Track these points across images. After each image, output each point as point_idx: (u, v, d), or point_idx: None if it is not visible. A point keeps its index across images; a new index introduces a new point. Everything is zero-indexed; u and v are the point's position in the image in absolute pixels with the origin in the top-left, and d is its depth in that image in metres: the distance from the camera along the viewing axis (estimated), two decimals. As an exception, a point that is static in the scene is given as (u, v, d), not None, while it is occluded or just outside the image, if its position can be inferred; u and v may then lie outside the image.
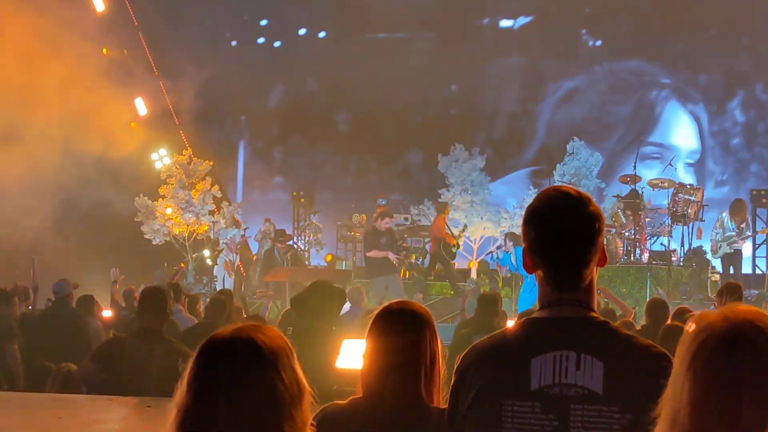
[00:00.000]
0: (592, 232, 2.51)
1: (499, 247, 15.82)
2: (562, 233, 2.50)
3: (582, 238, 2.50)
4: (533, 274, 2.61)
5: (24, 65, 17.17)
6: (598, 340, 2.46)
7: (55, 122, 17.46)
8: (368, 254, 15.98)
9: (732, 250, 15.83)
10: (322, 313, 6.98)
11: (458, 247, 17.42)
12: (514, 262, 15.05)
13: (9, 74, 16.95)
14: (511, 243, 15.41)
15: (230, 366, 2.17)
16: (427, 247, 19.23)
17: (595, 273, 2.56)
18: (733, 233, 15.72)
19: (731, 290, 8.67)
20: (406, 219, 20.12)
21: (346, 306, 11.87)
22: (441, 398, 3.13)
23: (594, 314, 2.52)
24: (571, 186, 2.67)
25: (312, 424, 2.29)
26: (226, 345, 2.22)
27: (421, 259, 18.86)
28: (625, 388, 2.37)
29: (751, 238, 16.73)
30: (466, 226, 18.53)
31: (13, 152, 17.07)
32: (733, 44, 23.49)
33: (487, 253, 16.49)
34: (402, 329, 3.14)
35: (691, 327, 1.88)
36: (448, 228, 17.79)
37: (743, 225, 16.01)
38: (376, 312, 3.26)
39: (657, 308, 8.41)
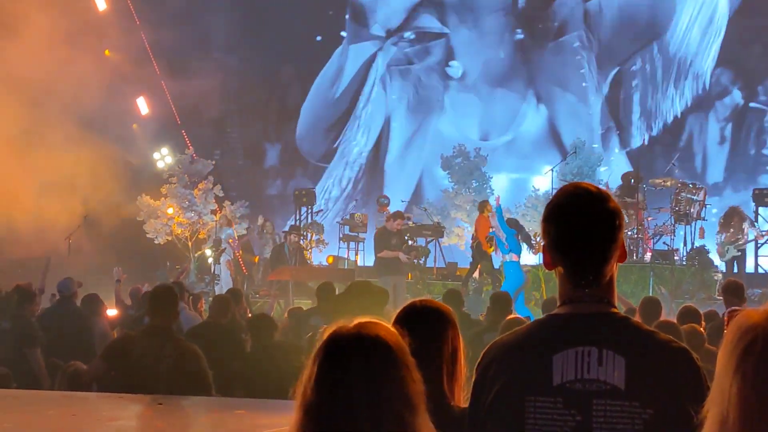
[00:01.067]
0: (612, 229, 2.53)
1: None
2: (582, 230, 2.52)
3: (602, 234, 2.52)
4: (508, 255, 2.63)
5: (26, 64, 17.17)
6: (619, 335, 2.48)
7: (57, 121, 17.46)
8: (379, 255, 16.00)
9: (739, 253, 15.87)
10: (353, 313, 6.97)
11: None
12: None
13: (13, 73, 16.95)
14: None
15: (364, 364, 2.16)
16: (430, 246, 19.25)
17: (615, 269, 2.58)
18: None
19: (734, 289, 8.70)
20: (408, 218, 20.11)
21: None
22: (462, 396, 3.15)
23: (615, 310, 2.54)
24: (590, 183, 2.68)
25: None
26: (354, 343, 2.20)
27: (424, 259, 18.87)
28: (647, 383, 2.39)
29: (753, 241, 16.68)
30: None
31: (15, 152, 17.10)
32: None
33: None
34: (425, 327, 3.15)
35: (734, 327, 1.87)
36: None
37: (744, 226, 16.02)
38: (399, 309, 3.26)
39: (649, 307, 8.42)
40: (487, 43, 25.55)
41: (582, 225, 2.52)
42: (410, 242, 15.83)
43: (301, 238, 19.72)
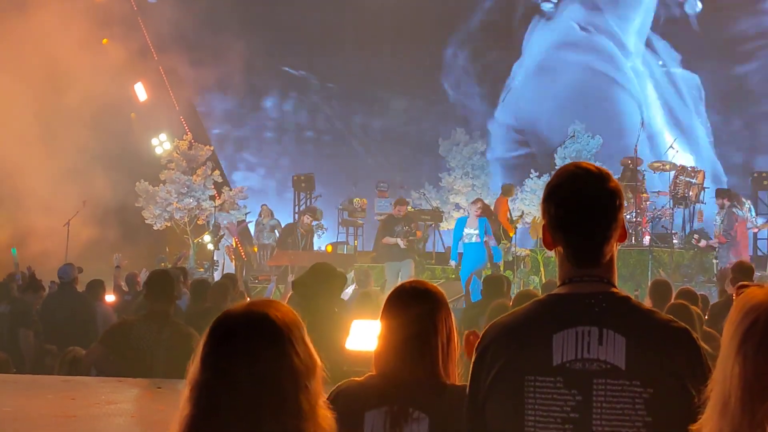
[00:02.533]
0: (612, 208, 2.51)
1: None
2: (583, 209, 2.50)
3: (603, 214, 2.50)
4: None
5: (26, 52, 17.15)
6: (620, 315, 2.46)
7: (56, 108, 17.44)
8: (382, 241, 16.07)
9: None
10: (323, 294, 6.98)
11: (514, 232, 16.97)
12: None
13: (12, 60, 16.95)
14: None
15: (247, 340, 2.19)
16: (429, 232, 19.25)
17: (616, 249, 2.56)
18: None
19: (744, 271, 8.68)
20: (407, 204, 20.09)
21: (350, 289, 11.91)
22: (457, 374, 3.15)
23: (615, 290, 2.52)
24: (590, 162, 2.66)
25: (327, 401, 2.32)
26: (240, 320, 2.24)
27: (422, 244, 18.87)
28: (647, 362, 2.37)
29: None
30: (523, 213, 18.15)
31: (14, 138, 17.09)
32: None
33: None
34: (418, 307, 3.15)
35: (738, 306, 1.86)
36: (510, 214, 17.55)
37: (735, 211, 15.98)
38: (390, 292, 3.27)
39: (660, 289, 8.42)
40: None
41: (582, 204, 2.50)
42: (407, 227, 15.77)
43: (314, 220, 19.72)
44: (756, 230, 17.04)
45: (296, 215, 22.00)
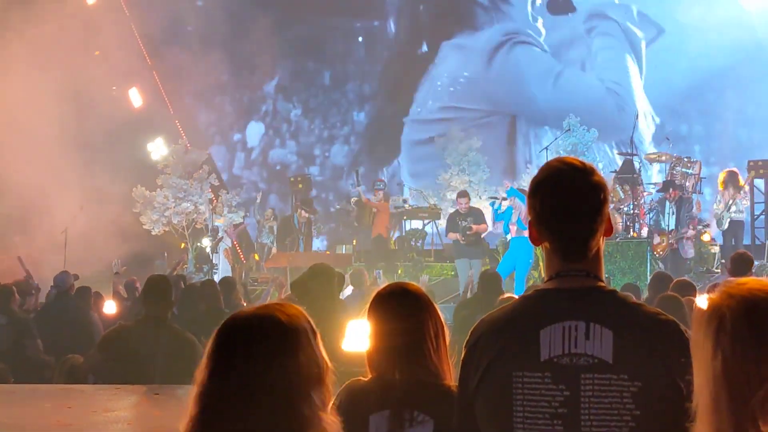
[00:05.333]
0: (597, 202, 2.51)
1: (504, 199, 15.30)
2: (568, 204, 2.51)
3: (588, 208, 2.51)
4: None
5: (21, 58, 17.16)
6: (606, 309, 2.46)
7: (51, 113, 17.44)
8: (448, 236, 15.95)
9: (735, 218, 15.79)
10: (321, 294, 6.98)
11: None
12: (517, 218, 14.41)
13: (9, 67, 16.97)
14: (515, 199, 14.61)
15: (247, 343, 2.17)
16: (431, 227, 19.22)
17: (602, 243, 2.56)
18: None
19: (742, 261, 8.67)
20: (404, 201, 20.12)
21: (349, 289, 11.89)
22: (451, 370, 3.15)
23: (602, 284, 2.53)
24: (574, 157, 2.66)
25: (333, 405, 2.30)
26: (245, 322, 2.22)
27: (420, 241, 18.86)
28: (634, 356, 2.37)
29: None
30: None
31: (10, 144, 17.11)
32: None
33: (490, 198, 16.03)
34: (401, 310, 3.16)
35: (698, 317, 1.91)
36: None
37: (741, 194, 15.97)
38: (373, 294, 3.27)
39: (659, 282, 8.43)
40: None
41: (567, 199, 2.51)
42: (464, 223, 15.35)
43: (311, 214, 19.73)
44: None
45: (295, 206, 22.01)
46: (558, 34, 26.40)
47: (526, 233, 14.21)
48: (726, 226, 15.66)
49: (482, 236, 15.46)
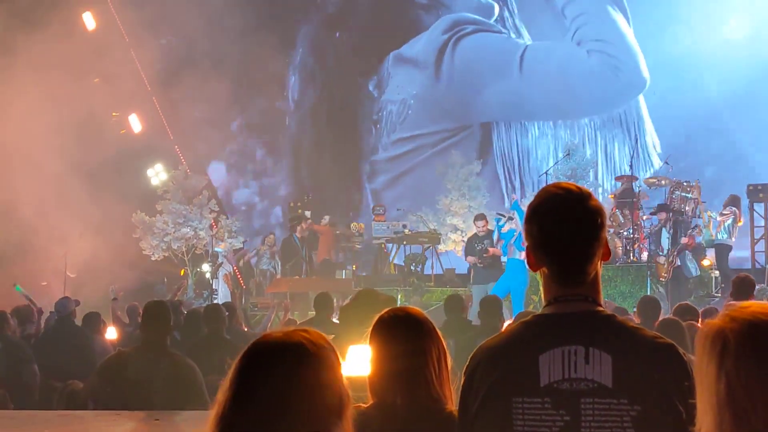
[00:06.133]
0: (594, 227, 2.52)
1: (510, 218, 15.26)
2: (565, 229, 2.51)
3: (585, 233, 2.52)
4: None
5: (20, 83, 17.22)
6: (605, 333, 2.47)
7: (50, 139, 17.48)
8: (466, 259, 15.93)
9: (721, 241, 15.81)
10: (368, 322, 6.94)
11: None
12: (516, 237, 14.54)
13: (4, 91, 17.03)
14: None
15: (275, 368, 2.15)
16: (427, 253, 19.21)
17: (600, 267, 2.57)
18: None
19: (745, 285, 8.64)
20: (404, 226, 20.12)
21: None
22: (453, 396, 3.14)
23: (600, 308, 2.54)
24: (570, 182, 2.68)
25: None
26: (273, 347, 2.19)
27: (421, 266, 18.85)
28: (634, 380, 2.38)
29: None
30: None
31: (10, 169, 17.15)
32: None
33: (497, 215, 15.97)
34: (404, 335, 3.15)
35: (701, 340, 1.91)
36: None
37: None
38: (375, 321, 3.25)
39: (648, 306, 8.39)
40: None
41: (564, 224, 2.52)
42: (480, 246, 15.27)
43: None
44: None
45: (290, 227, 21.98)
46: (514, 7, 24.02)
47: (520, 255, 14.33)
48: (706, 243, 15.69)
49: (500, 258, 15.39)
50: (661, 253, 15.67)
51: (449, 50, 24.09)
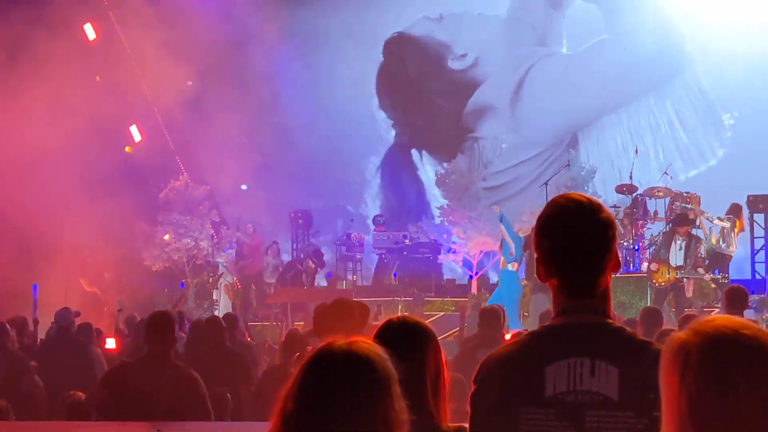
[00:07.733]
0: (605, 239, 2.52)
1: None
2: (575, 242, 2.51)
3: (595, 245, 2.51)
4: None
5: (19, 94, 17.23)
6: (612, 346, 2.47)
7: (50, 149, 17.48)
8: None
9: (720, 251, 15.78)
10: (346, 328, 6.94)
11: None
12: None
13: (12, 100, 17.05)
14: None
15: (349, 381, 2.15)
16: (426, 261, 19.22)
17: (610, 279, 2.57)
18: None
19: (739, 295, 8.62)
20: (405, 236, 20.13)
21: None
22: (448, 411, 3.11)
23: (610, 320, 2.53)
24: (580, 193, 2.67)
25: None
26: (342, 360, 2.19)
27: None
28: (640, 393, 2.37)
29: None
30: None
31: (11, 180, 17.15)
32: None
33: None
34: (404, 344, 3.12)
35: (665, 354, 1.91)
36: None
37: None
38: (377, 328, 3.23)
39: (650, 317, 8.38)
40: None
41: (573, 237, 2.51)
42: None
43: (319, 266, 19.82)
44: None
45: (294, 252, 21.99)
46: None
47: (511, 266, 14.44)
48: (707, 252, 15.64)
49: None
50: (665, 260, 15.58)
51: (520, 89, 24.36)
